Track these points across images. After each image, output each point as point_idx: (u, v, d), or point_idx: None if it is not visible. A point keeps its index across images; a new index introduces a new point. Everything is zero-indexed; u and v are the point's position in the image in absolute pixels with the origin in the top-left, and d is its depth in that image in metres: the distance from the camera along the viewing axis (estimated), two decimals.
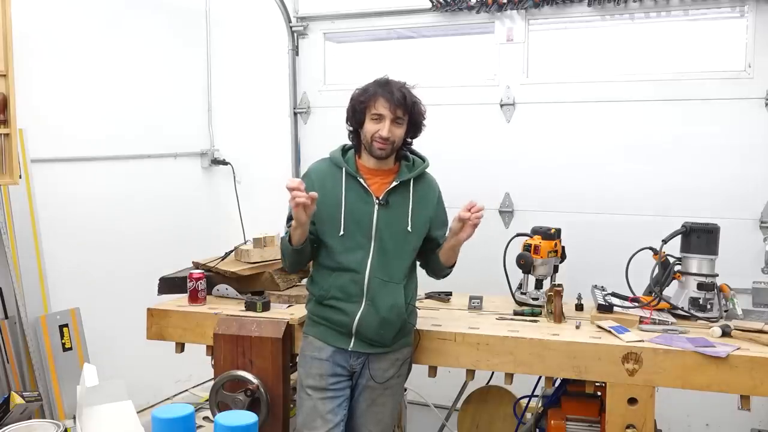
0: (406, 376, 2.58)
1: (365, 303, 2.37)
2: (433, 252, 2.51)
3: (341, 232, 2.37)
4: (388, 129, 2.31)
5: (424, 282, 2.71)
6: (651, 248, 2.73)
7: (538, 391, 2.86)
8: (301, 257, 2.41)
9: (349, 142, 2.50)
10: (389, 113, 2.31)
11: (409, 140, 2.47)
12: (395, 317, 2.38)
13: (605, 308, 2.66)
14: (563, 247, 2.89)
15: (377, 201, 2.38)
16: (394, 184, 2.39)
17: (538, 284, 2.89)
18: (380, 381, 2.44)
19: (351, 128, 2.45)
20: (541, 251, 2.79)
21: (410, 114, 2.37)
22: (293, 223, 2.31)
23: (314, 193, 2.23)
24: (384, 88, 2.34)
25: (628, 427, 2.38)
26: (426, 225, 2.46)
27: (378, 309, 2.36)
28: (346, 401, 2.45)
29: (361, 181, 2.39)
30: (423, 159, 2.51)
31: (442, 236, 2.50)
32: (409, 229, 2.40)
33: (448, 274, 2.58)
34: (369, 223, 2.37)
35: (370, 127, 2.34)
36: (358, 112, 2.38)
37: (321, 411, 2.40)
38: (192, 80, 4.43)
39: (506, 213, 3.88)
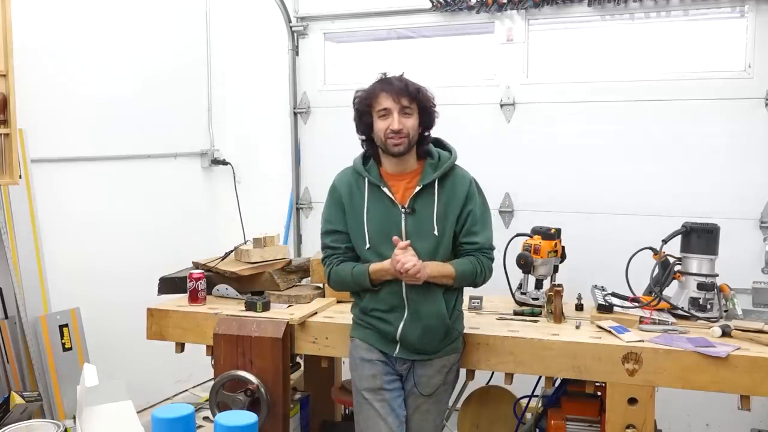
0: (454, 383, 2.49)
1: (408, 312, 2.31)
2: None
3: (367, 246, 2.32)
4: (398, 121, 2.22)
5: None
6: (651, 248, 2.73)
7: (538, 391, 2.85)
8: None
9: (360, 147, 2.42)
10: (394, 104, 2.23)
11: (427, 133, 2.37)
12: (438, 324, 2.33)
13: (605, 308, 2.66)
14: (563, 247, 2.89)
15: (403, 210, 2.30)
16: (418, 189, 2.30)
17: (538, 284, 2.89)
18: (426, 393, 2.37)
19: (363, 137, 2.36)
20: (541, 251, 2.79)
21: (417, 101, 2.28)
22: (383, 272, 2.27)
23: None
24: (383, 82, 2.28)
25: (628, 427, 2.38)
26: (453, 224, 2.33)
27: (420, 317, 2.31)
28: (402, 400, 2.39)
29: (385, 190, 2.31)
30: (451, 152, 2.40)
31: (466, 241, 2.35)
32: (435, 233, 2.30)
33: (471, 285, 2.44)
34: (398, 233, 2.29)
35: (380, 125, 2.26)
36: (364, 114, 2.31)
37: (382, 414, 2.34)
38: (192, 80, 4.43)
39: (506, 213, 3.87)
